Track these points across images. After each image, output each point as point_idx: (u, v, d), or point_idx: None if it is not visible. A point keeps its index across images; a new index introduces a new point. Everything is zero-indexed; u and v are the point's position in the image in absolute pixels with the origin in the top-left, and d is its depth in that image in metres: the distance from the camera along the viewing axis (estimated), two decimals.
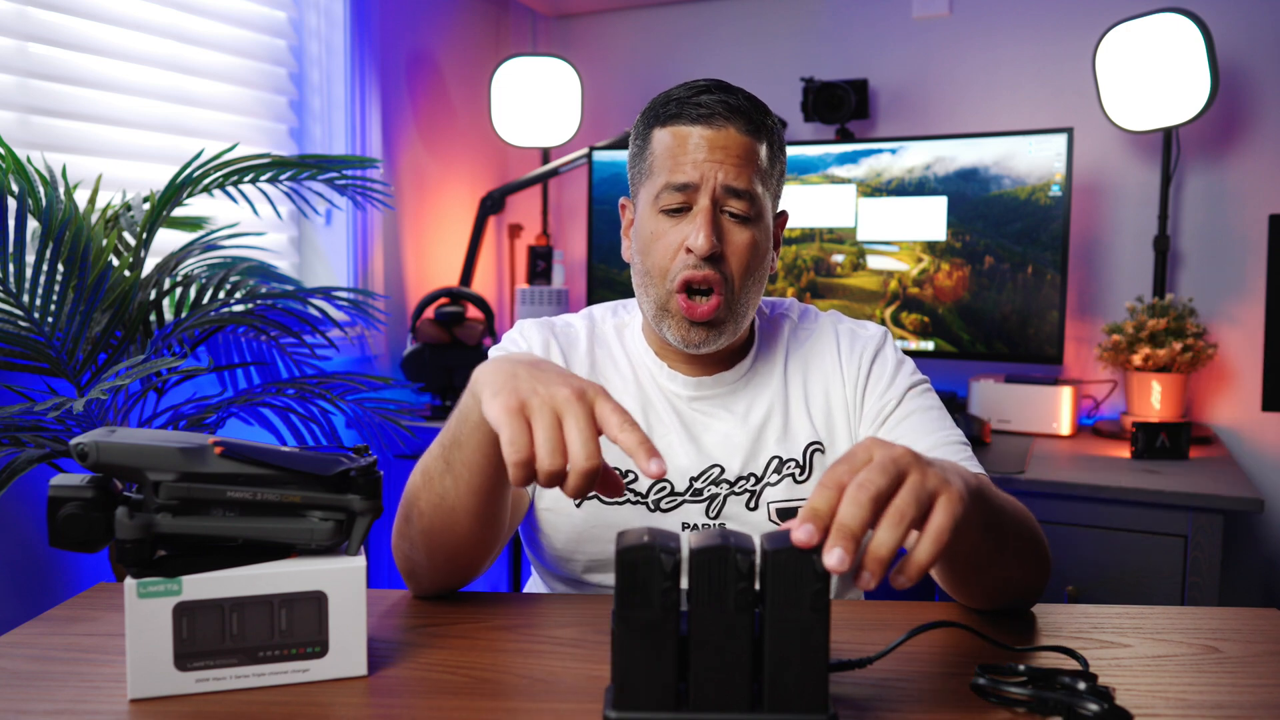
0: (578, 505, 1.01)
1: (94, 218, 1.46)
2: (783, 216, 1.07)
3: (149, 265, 1.56)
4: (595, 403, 0.68)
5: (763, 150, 0.98)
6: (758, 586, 0.60)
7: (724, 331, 0.99)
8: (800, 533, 0.59)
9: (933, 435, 0.99)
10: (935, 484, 0.62)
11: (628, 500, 1.00)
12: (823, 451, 1.03)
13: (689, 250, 0.96)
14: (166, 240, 1.72)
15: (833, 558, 0.57)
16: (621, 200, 1.09)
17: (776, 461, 1.01)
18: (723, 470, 1.01)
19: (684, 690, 0.61)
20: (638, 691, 0.61)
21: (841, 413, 1.04)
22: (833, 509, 0.59)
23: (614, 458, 1.01)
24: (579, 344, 1.07)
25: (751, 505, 1.00)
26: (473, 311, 2.35)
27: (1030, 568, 0.83)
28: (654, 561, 0.59)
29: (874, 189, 2.17)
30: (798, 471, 1.01)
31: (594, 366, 1.06)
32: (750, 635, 0.60)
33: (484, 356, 1.15)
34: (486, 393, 0.70)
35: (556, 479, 0.66)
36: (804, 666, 0.60)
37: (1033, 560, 0.83)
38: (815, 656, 0.60)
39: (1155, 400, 2.01)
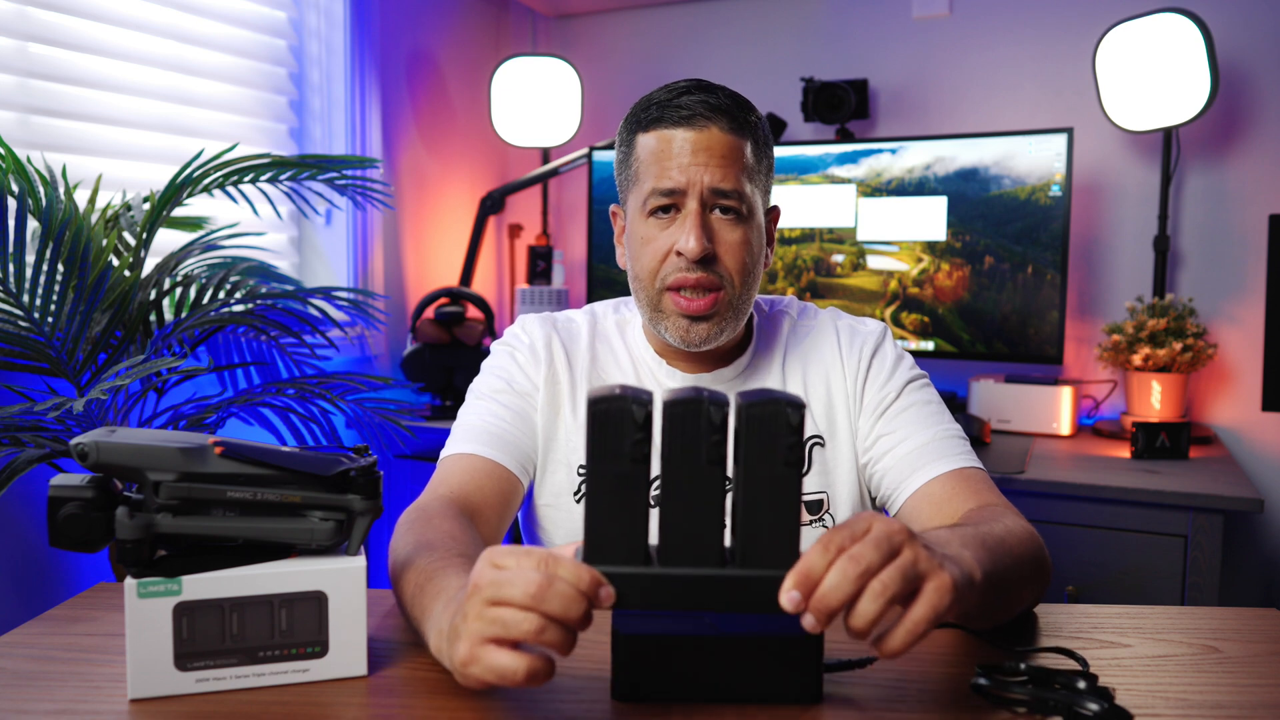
0: (578, 501, 1.01)
1: (94, 218, 1.46)
2: (775, 211, 1.06)
3: (149, 265, 1.56)
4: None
5: (748, 148, 0.97)
6: (731, 441, 0.59)
7: (723, 328, 0.99)
8: (786, 600, 0.58)
9: (931, 429, 1.00)
10: (926, 567, 0.60)
11: None
12: (823, 445, 1.03)
13: (679, 254, 0.95)
14: (166, 240, 1.72)
15: (807, 620, 0.58)
16: (612, 208, 1.08)
17: None
18: None
19: (655, 544, 0.60)
20: (609, 545, 0.59)
21: (842, 406, 1.04)
22: (825, 571, 0.59)
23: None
24: (580, 339, 1.08)
25: None
26: (473, 311, 2.35)
27: (1035, 589, 0.83)
28: (625, 413, 0.58)
29: (874, 189, 2.17)
30: None
31: (595, 361, 1.06)
32: (722, 489, 0.59)
33: (484, 355, 1.15)
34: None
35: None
36: (776, 521, 0.59)
37: (1038, 582, 0.83)
38: (787, 511, 0.59)
39: (1155, 400, 2.01)
